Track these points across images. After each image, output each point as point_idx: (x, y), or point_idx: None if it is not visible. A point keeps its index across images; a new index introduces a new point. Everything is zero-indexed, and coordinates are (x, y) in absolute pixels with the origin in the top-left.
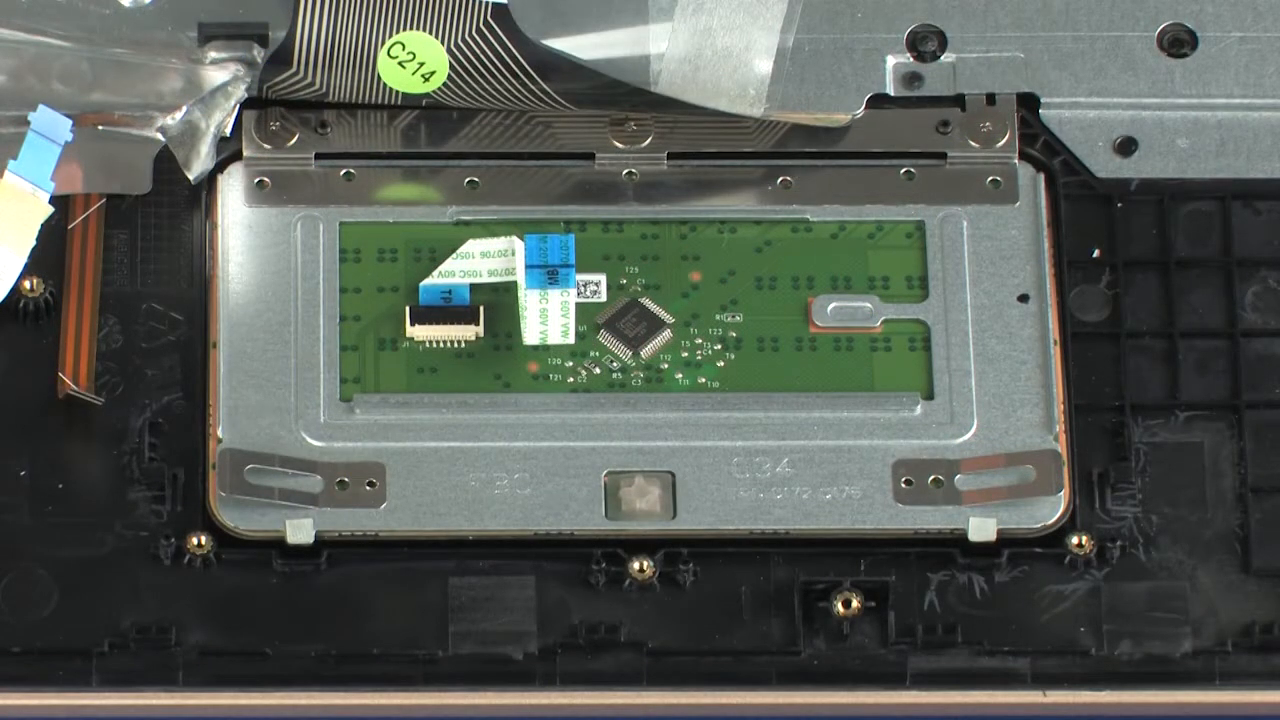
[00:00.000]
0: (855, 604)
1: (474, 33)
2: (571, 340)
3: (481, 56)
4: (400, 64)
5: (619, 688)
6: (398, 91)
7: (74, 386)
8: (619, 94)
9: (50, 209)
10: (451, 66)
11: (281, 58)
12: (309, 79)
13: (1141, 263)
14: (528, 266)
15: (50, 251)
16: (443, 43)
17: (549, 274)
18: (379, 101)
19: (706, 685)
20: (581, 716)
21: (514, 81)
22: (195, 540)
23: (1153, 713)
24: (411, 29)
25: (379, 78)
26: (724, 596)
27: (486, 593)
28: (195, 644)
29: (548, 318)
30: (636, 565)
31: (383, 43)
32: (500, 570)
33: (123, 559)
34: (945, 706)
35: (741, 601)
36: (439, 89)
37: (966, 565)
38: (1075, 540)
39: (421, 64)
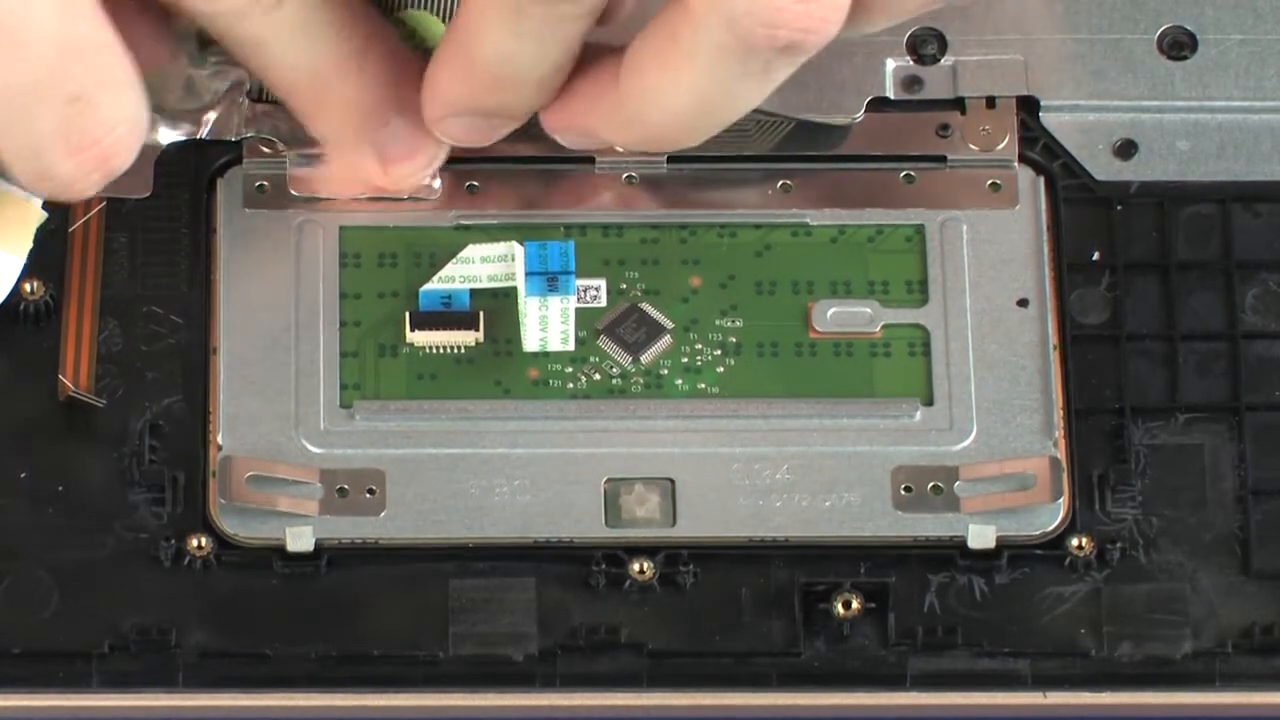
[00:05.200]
0: (855, 605)
1: None
2: (571, 347)
3: None
4: (400, 41)
5: (619, 689)
6: None
7: (74, 388)
8: None
9: (44, 214)
10: None
11: None
12: None
13: (1141, 265)
14: (527, 274)
15: (51, 255)
16: (444, 21)
17: (549, 281)
18: None
19: (707, 687)
20: (582, 718)
21: None
22: (195, 542)
23: (1153, 714)
24: (413, 7)
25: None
26: (724, 598)
27: (487, 594)
28: (196, 645)
29: (548, 325)
30: (636, 567)
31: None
32: (500, 572)
33: (123, 561)
34: (946, 708)
35: (742, 603)
36: None
37: (967, 567)
38: (1075, 542)
39: (422, 41)
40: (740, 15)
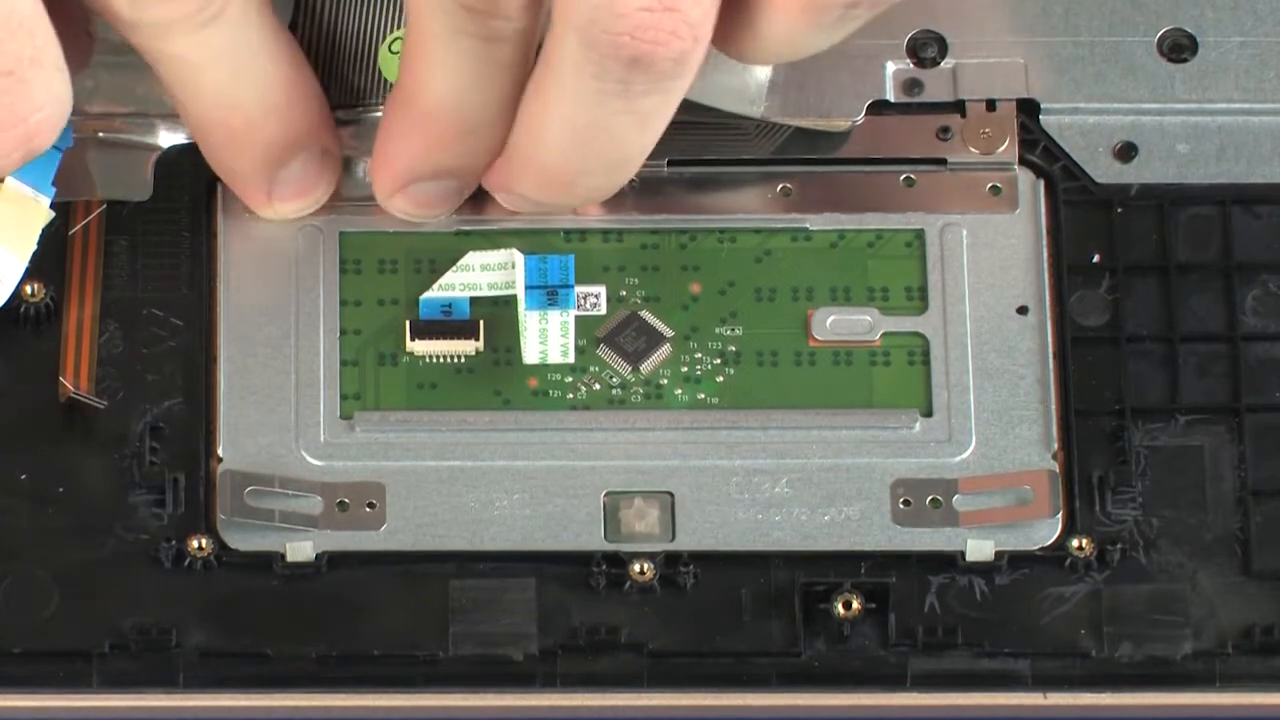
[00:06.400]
0: (856, 606)
1: None
2: (571, 360)
3: None
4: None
5: (619, 689)
6: None
7: (75, 390)
8: None
9: (51, 214)
10: None
11: None
12: None
13: (1142, 267)
14: (527, 287)
15: (51, 257)
16: None
17: (549, 295)
18: (379, 101)
19: (707, 687)
20: (582, 718)
21: None
22: (196, 543)
23: (1153, 714)
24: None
25: (380, 75)
26: (724, 598)
27: (487, 594)
28: (196, 646)
29: (547, 338)
30: (637, 567)
31: (383, 38)
32: (500, 572)
33: (123, 561)
34: (946, 708)
35: (742, 603)
36: None
37: (967, 568)
38: (1076, 543)
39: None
40: (587, 23)
